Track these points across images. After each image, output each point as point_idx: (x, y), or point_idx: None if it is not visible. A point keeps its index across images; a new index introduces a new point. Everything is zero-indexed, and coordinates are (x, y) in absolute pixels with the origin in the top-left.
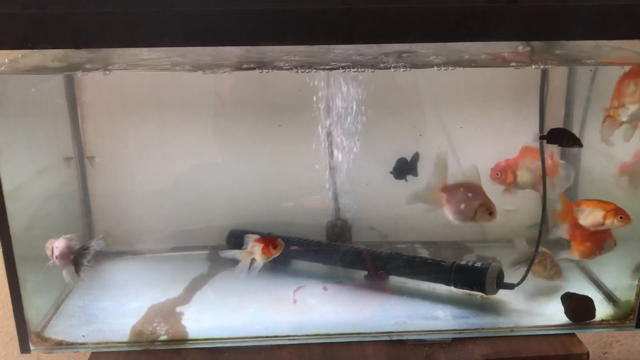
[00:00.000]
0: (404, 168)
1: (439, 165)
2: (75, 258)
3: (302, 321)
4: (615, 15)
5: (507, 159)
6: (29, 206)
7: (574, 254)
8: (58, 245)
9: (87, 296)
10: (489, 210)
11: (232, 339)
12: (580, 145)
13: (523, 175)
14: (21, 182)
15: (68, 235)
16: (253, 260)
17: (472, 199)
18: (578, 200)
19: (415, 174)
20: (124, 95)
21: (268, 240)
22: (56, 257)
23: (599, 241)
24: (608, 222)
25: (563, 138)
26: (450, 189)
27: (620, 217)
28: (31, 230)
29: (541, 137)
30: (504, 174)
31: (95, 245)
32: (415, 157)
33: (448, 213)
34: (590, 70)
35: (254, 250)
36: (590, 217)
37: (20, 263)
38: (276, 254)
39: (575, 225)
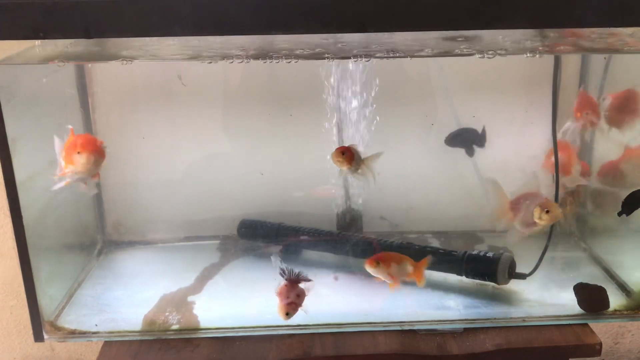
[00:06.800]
0: (472, 139)
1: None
2: None
3: (313, 311)
4: (629, 2)
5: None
6: (42, 196)
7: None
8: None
9: (100, 285)
10: (545, 209)
11: (243, 328)
12: None
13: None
14: (34, 172)
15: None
16: None
17: (530, 205)
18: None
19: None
20: (135, 85)
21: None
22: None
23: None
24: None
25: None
26: (513, 204)
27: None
28: (44, 220)
29: (619, 214)
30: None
31: None
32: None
33: (518, 226)
34: (605, 57)
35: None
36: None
37: (33, 253)
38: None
39: None
